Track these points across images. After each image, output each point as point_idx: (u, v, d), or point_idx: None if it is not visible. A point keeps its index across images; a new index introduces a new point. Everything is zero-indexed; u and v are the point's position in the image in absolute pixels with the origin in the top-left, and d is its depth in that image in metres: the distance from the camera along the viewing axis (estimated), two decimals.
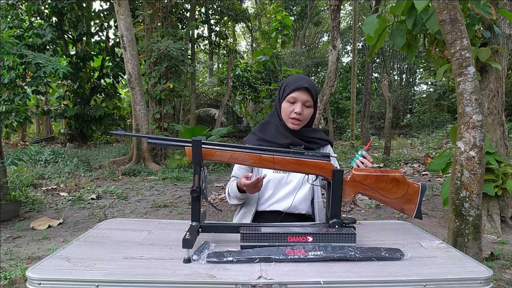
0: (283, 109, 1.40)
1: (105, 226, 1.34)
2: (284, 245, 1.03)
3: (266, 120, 1.51)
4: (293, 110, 1.38)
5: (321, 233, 1.05)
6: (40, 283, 0.85)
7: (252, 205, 1.49)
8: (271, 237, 1.04)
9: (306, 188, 1.49)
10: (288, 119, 1.40)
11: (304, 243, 1.04)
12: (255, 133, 1.49)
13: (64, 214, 4.26)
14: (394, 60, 21.55)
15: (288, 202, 1.46)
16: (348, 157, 9.07)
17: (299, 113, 1.37)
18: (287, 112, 1.39)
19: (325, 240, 1.04)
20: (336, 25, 5.98)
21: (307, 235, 1.05)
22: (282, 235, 1.05)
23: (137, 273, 0.89)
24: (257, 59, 11.90)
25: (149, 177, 6.88)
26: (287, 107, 1.39)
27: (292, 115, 1.38)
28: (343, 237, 1.04)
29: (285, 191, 1.48)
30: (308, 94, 1.38)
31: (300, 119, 1.39)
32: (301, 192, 1.47)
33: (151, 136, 1.13)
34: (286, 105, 1.39)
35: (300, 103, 1.38)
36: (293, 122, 1.39)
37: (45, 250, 3.07)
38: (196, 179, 1.06)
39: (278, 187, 1.48)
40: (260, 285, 0.85)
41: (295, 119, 1.38)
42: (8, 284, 2.37)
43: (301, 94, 1.37)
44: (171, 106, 9.13)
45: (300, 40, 21.77)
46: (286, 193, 1.48)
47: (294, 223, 1.32)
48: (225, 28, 15.20)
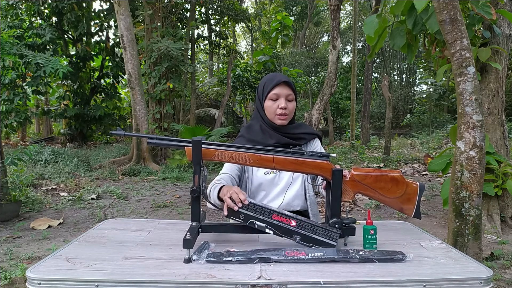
0: (267, 107, 1.42)
1: (105, 226, 1.34)
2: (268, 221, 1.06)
3: (250, 124, 1.51)
4: (278, 106, 1.40)
5: (305, 221, 1.07)
6: (40, 283, 0.85)
7: None
8: (257, 209, 1.07)
9: (298, 183, 1.49)
10: (274, 117, 1.42)
11: (287, 225, 1.06)
12: (243, 135, 1.48)
13: (64, 214, 4.26)
14: (394, 60, 21.55)
15: (281, 200, 1.46)
16: (348, 157, 9.07)
17: (284, 107, 1.39)
18: (272, 109, 1.41)
19: (307, 229, 1.06)
20: (336, 25, 5.98)
21: (292, 219, 1.07)
22: (269, 210, 1.07)
23: (137, 273, 0.89)
24: (257, 59, 11.89)
25: (149, 177, 6.88)
26: (271, 105, 1.41)
27: (278, 111, 1.40)
28: (325, 233, 1.06)
29: (277, 190, 1.48)
30: (289, 88, 1.41)
31: (287, 113, 1.41)
32: (293, 188, 1.47)
33: (151, 136, 1.13)
34: (270, 103, 1.41)
35: (283, 97, 1.40)
36: (280, 118, 1.41)
37: (45, 250, 3.07)
38: (196, 179, 1.06)
39: (270, 188, 1.48)
40: (260, 285, 0.85)
41: (282, 115, 1.41)
42: (8, 284, 2.37)
43: (281, 89, 1.40)
44: (171, 106, 9.13)
45: (300, 40, 21.77)
46: (278, 192, 1.48)
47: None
48: (225, 28, 15.21)
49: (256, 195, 1.49)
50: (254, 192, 1.49)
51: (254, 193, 1.49)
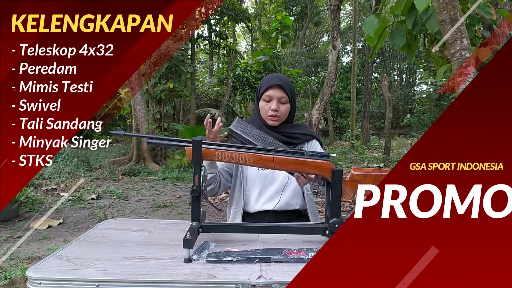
0: (261, 108, 1.47)
1: (105, 226, 1.34)
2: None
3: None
4: (269, 107, 1.44)
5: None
6: (40, 283, 0.86)
7: (240, 203, 1.49)
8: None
9: (294, 181, 1.49)
10: (267, 117, 1.46)
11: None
12: None
13: (64, 214, 4.26)
14: (394, 60, 21.55)
15: (278, 199, 1.47)
16: (348, 157, 9.07)
17: (275, 109, 1.43)
18: (264, 110, 1.46)
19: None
20: (336, 25, 5.98)
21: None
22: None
23: (137, 273, 0.90)
24: (257, 59, 11.89)
25: (149, 177, 6.88)
26: (264, 106, 1.46)
27: (269, 112, 1.44)
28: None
29: (273, 189, 1.48)
30: (282, 91, 1.43)
31: (278, 115, 1.44)
32: (290, 187, 1.48)
33: (151, 136, 1.13)
34: (263, 104, 1.46)
35: (275, 100, 1.44)
36: (271, 118, 1.45)
37: (45, 250, 3.08)
38: (196, 179, 1.06)
39: (265, 185, 1.49)
40: (260, 285, 0.85)
41: (273, 116, 1.45)
42: (8, 284, 2.37)
43: (274, 91, 1.43)
44: (171, 106, 9.13)
45: (300, 40, 21.77)
46: (275, 191, 1.48)
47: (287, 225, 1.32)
48: (225, 28, 15.20)
49: (251, 190, 1.50)
50: (249, 187, 1.50)
51: (248, 187, 1.50)
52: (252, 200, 1.50)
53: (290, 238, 1.17)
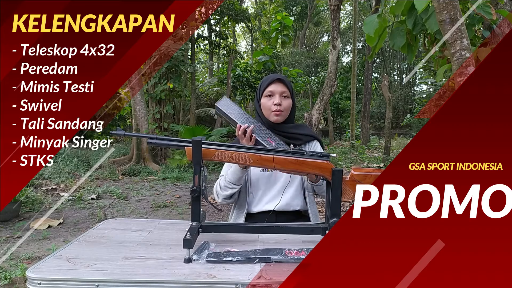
0: (263, 104, 1.46)
1: (105, 226, 1.34)
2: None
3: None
4: (272, 102, 1.43)
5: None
6: (40, 283, 0.86)
7: (243, 205, 1.50)
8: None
9: (296, 183, 1.49)
10: (270, 113, 1.45)
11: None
12: None
13: (64, 214, 4.26)
14: (394, 60, 21.55)
15: (279, 200, 1.47)
16: (348, 157, 9.07)
17: (279, 103, 1.42)
18: (267, 106, 1.44)
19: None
20: (336, 25, 5.98)
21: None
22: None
23: (137, 273, 0.90)
24: (257, 59, 11.89)
25: (149, 177, 6.88)
26: (266, 102, 1.45)
27: (273, 107, 1.43)
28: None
29: (275, 190, 1.49)
30: (283, 85, 1.44)
31: (281, 109, 1.44)
32: (291, 188, 1.48)
33: (151, 136, 1.13)
34: (265, 100, 1.45)
35: (278, 94, 1.43)
36: (275, 114, 1.44)
37: (45, 250, 3.08)
38: (196, 179, 1.06)
39: (268, 185, 1.49)
40: (260, 285, 0.86)
41: (277, 111, 1.43)
42: (8, 284, 2.37)
43: (276, 86, 1.44)
44: (171, 106, 9.13)
45: (300, 40, 21.77)
46: (277, 191, 1.48)
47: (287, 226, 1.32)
48: (225, 28, 15.20)
49: (255, 192, 1.51)
50: (252, 189, 1.51)
51: (252, 189, 1.51)
52: (254, 201, 1.51)
53: (290, 238, 1.17)
